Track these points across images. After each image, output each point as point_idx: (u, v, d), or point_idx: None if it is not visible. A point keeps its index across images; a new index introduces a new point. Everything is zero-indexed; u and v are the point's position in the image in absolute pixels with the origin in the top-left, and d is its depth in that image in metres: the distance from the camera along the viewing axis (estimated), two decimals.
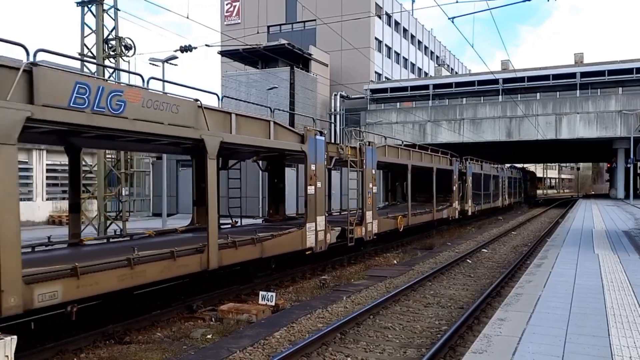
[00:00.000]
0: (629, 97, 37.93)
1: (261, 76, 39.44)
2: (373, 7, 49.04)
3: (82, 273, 6.50)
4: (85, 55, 15.80)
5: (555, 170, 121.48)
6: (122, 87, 7.42)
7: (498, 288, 10.72)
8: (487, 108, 41.65)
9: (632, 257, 11.16)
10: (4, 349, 4.64)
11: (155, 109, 7.70)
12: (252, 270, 10.72)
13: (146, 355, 6.89)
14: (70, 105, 6.35)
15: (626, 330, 5.68)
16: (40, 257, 7.77)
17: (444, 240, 20.01)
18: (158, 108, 7.75)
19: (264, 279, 10.96)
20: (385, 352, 6.91)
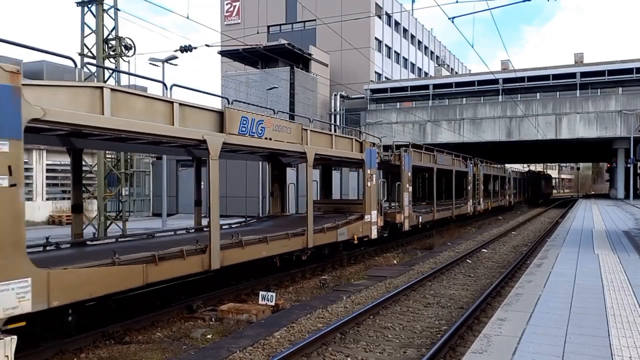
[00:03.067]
0: (629, 97, 37.93)
1: (261, 76, 39.45)
2: (373, 7, 49.04)
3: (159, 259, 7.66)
4: (86, 55, 15.81)
5: (555, 170, 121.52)
6: (263, 117, 10.27)
7: (498, 288, 10.72)
8: (487, 108, 41.65)
9: (632, 257, 11.16)
10: (4, 349, 4.64)
11: (279, 131, 10.76)
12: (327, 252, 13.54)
13: (146, 355, 6.89)
14: (240, 132, 9.49)
15: (626, 330, 5.68)
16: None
17: (444, 240, 20.01)
18: (280, 130, 10.81)
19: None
20: (385, 352, 6.91)
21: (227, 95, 38.58)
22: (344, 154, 13.89)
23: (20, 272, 5.62)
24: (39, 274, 5.86)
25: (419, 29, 64.06)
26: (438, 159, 22.76)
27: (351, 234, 13.78)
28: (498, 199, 35.77)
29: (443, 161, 23.49)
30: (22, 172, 5.69)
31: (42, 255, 7.85)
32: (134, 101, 7.33)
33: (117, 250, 7.54)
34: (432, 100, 45.78)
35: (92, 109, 6.61)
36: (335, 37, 39.84)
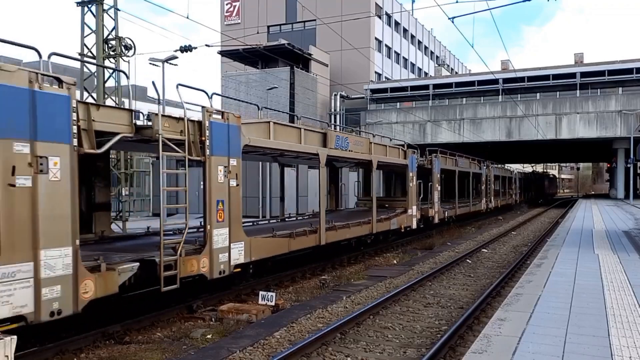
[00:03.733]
0: (629, 97, 37.90)
1: (261, 76, 39.41)
2: (373, 7, 49.01)
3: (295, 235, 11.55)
4: (86, 55, 15.80)
5: (555, 170, 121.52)
6: (347, 135, 14.54)
7: (498, 288, 10.72)
8: (487, 108, 41.63)
9: (632, 257, 11.16)
10: (4, 349, 4.64)
11: (357, 145, 14.77)
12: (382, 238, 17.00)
13: (146, 355, 6.89)
14: (335, 147, 13.30)
15: (626, 330, 5.68)
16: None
17: (444, 240, 20.01)
18: (357, 144, 14.81)
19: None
20: (385, 352, 6.91)
21: (227, 94, 38.56)
22: (394, 160, 17.89)
23: (241, 238, 9.53)
24: (247, 240, 9.74)
25: (419, 29, 64.03)
26: (459, 163, 26.26)
27: (399, 224, 17.58)
28: (506, 198, 40.02)
29: (462, 164, 26.96)
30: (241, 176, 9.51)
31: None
32: (283, 129, 11.57)
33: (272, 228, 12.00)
34: (432, 100, 45.74)
35: (266, 135, 10.76)
36: (335, 37, 39.82)
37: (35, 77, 5.95)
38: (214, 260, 8.71)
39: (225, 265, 8.99)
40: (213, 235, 8.71)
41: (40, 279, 5.93)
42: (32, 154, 5.89)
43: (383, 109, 45.93)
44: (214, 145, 8.80)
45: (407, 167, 18.65)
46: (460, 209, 26.00)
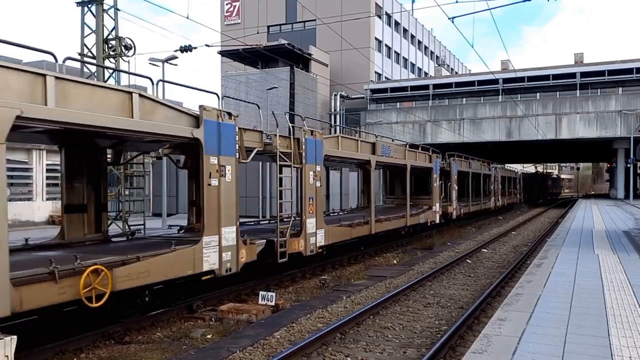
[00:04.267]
0: (629, 97, 37.89)
1: (261, 76, 39.40)
2: (373, 7, 49.00)
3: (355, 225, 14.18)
4: (85, 55, 15.80)
5: (555, 170, 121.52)
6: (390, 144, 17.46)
7: (498, 288, 10.72)
8: (487, 108, 41.62)
9: (632, 257, 11.16)
10: (4, 349, 4.64)
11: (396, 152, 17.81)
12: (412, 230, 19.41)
13: (146, 355, 6.89)
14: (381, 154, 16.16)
15: (626, 330, 5.68)
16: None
17: (444, 240, 20.02)
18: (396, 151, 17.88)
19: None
20: (385, 352, 6.91)
21: (227, 94, 38.53)
22: (422, 164, 20.62)
23: (322, 226, 12.22)
24: (326, 227, 12.41)
25: (419, 29, 64.02)
26: (472, 165, 29.07)
27: (426, 219, 20.04)
28: (511, 197, 43.48)
29: (475, 166, 29.91)
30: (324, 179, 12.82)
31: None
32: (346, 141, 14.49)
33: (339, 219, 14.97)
34: (432, 100, 45.73)
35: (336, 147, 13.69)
36: (335, 37, 39.82)
37: (220, 113, 8.80)
38: (307, 242, 11.58)
39: (314, 246, 11.88)
40: (307, 223, 11.53)
41: (222, 247, 8.82)
42: (218, 164, 8.77)
43: (383, 109, 45.93)
44: (307, 156, 11.64)
45: (432, 169, 21.38)
46: (473, 206, 28.73)
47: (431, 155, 21.56)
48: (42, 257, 7.00)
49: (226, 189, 8.93)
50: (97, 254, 7.42)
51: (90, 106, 6.59)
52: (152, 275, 7.41)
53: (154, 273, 7.44)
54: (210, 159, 8.59)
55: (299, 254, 11.29)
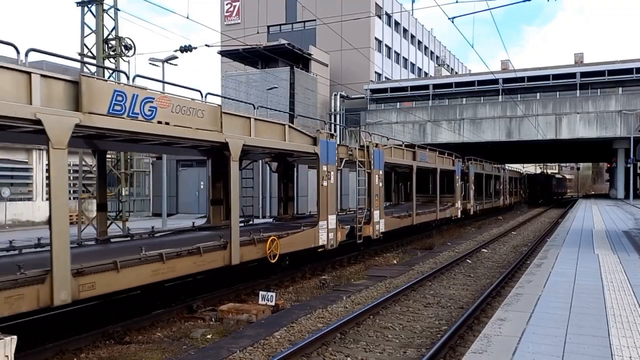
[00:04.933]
0: (629, 97, 37.89)
1: (261, 76, 39.40)
2: (373, 7, 49.00)
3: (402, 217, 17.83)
4: (85, 55, 15.80)
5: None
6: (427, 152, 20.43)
7: (498, 288, 10.72)
8: (487, 108, 41.62)
9: (632, 257, 11.16)
10: (4, 349, 4.63)
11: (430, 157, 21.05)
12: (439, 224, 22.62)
13: (146, 355, 6.89)
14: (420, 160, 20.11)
15: (626, 330, 5.68)
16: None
17: (444, 240, 20.02)
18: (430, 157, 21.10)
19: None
20: (385, 352, 6.91)
21: (228, 95, 38.53)
22: (448, 167, 23.93)
23: (383, 217, 15.47)
24: (385, 218, 15.64)
25: (419, 29, 64.02)
26: (485, 167, 32.41)
27: (451, 214, 23.53)
28: (518, 196, 47.19)
29: (487, 169, 33.20)
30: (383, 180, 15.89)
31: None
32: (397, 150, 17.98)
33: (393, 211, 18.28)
34: (432, 100, 45.73)
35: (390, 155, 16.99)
36: (335, 37, 39.82)
37: (327, 134, 12.49)
38: (374, 228, 15.07)
39: (378, 232, 15.34)
40: (373, 214, 14.97)
41: (328, 229, 12.31)
42: (327, 170, 12.35)
43: (383, 109, 45.93)
44: (374, 163, 15.16)
45: (455, 171, 24.71)
46: (486, 204, 32.31)
47: (454, 159, 24.76)
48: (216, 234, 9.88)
49: (331, 188, 12.50)
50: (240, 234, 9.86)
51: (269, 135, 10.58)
52: (295, 245, 11.24)
53: (296, 244, 11.30)
54: (323, 167, 12.21)
55: (368, 237, 14.67)
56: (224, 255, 8.96)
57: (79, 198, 16.99)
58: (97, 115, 6.63)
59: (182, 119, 8.03)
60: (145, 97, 7.32)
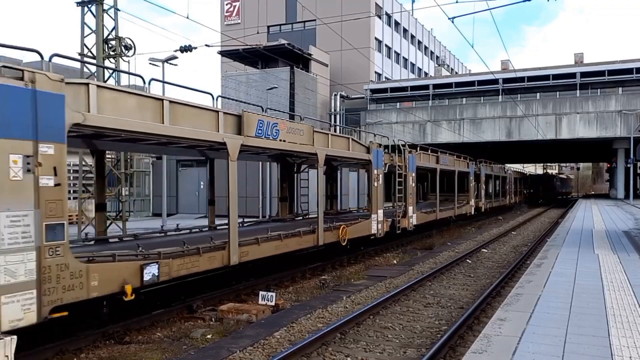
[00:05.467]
0: (629, 97, 37.87)
1: (261, 76, 39.39)
2: (373, 7, 48.99)
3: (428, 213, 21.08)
4: (85, 56, 15.80)
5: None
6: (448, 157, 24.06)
7: (498, 288, 10.72)
8: (487, 108, 41.61)
9: (632, 257, 11.16)
10: (4, 349, 4.64)
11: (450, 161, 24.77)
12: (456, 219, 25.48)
13: (146, 355, 6.89)
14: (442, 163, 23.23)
15: (626, 330, 5.68)
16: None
17: (444, 240, 20.02)
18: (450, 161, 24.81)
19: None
20: (385, 352, 6.91)
21: (228, 95, 38.52)
22: (463, 169, 26.88)
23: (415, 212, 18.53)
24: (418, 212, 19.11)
25: (419, 29, 64.01)
26: (494, 169, 35.61)
27: (465, 211, 26.62)
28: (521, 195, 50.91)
29: (496, 170, 36.55)
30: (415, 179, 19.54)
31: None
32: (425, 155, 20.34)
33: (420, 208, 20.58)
34: (432, 100, 45.71)
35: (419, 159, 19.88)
36: (335, 37, 39.81)
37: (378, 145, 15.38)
38: (409, 221, 17.77)
39: (412, 224, 18.19)
40: (408, 209, 17.77)
41: (377, 221, 15.09)
42: (377, 173, 15.34)
43: (383, 109, 45.91)
44: (409, 167, 17.94)
45: (469, 173, 27.75)
46: (495, 202, 35.65)
47: (468, 162, 27.74)
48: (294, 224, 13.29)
49: (380, 188, 15.53)
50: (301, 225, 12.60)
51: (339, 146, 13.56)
52: (356, 233, 14.10)
53: (357, 232, 14.19)
54: (374, 171, 15.32)
55: (404, 229, 17.40)
56: (314, 237, 12.12)
57: (79, 198, 16.99)
58: (250, 137, 9.77)
59: (292, 137, 11.21)
60: (274, 123, 10.55)
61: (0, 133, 5.51)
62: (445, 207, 23.42)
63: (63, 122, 6.11)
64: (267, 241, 10.42)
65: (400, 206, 17.26)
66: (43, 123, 5.86)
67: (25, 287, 5.67)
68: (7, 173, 5.56)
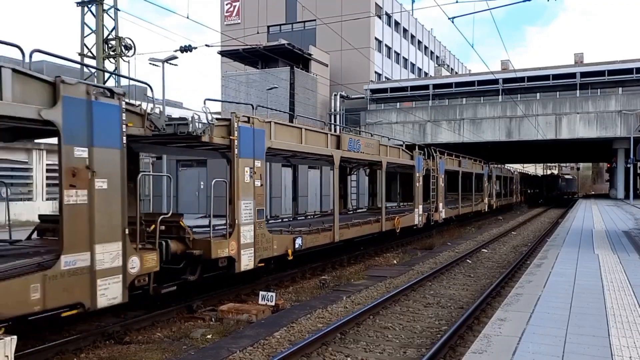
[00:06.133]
0: (629, 97, 37.87)
1: (261, 76, 39.38)
2: (373, 7, 49.00)
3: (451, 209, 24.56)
4: (85, 56, 15.81)
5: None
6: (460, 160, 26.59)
7: (498, 288, 10.72)
8: (487, 108, 41.60)
9: (632, 257, 11.16)
10: (4, 349, 4.64)
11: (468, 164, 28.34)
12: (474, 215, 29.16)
13: (146, 355, 6.89)
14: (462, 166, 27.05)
15: (626, 330, 5.68)
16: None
17: (444, 240, 20.02)
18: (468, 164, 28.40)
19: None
20: (385, 352, 6.91)
21: (227, 95, 38.58)
22: (479, 171, 30.15)
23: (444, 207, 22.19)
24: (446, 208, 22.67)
25: (419, 29, 64.01)
26: (503, 171, 40.08)
27: (480, 208, 29.87)
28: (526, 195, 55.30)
29: (504, 172, 41.01)
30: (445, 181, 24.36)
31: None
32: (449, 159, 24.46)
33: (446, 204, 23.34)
34: (432, 100, 45.70)
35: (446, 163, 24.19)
36: (335, 37, 39.81)
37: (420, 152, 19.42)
38: (439, 215, 20.97)
39: (441, 218, 21.29)
40: (439, 205, 20.91)
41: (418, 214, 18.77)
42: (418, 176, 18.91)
43: (383, 109, 45.91)
44: (439, 170, 21.16)
45: (484, 174, 31.05)
46: (504, 200, 39.56)
47: (483, 164, 31.40)
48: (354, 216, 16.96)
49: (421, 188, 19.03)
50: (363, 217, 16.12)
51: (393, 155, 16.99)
52: (405, 223, 17.47)
53: (405, 222, 17.56)
54: (416, 174, 18.78)
55: (436, 221, 20.68)
56: (379, 225, 15.65)
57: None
58: (345, 150, 13.39)
59: (368, 149, 14.81)
60: (357, 140, 14.23)
61: (241, 154, 9.35)
62: (464, 204, 26.84)
63: (264, 146, 10.00)
64: (353, 226, 14.12)
65: (433, 202, 20.42)
66: (256, 148, 9.72)
67: (250, 245, 9.57)
68: (244, 178, 9.42)
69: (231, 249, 9.04)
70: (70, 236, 6.08)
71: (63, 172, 6.02)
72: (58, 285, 5.92)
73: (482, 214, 30.91)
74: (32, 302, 5.68)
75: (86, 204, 6.27)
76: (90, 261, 6.30)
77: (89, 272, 6.29)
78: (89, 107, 6.32)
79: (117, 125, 6.68)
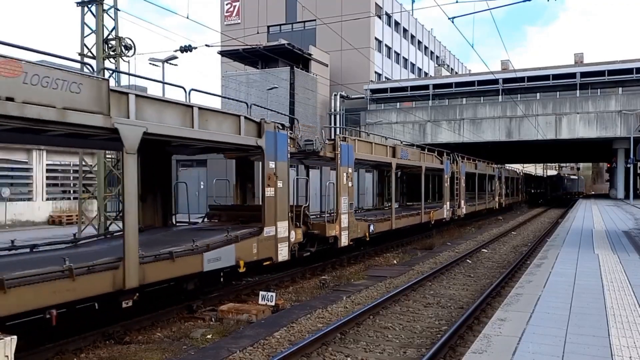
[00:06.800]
0: (629, 97, 37.85)
1: (261, 76, 39.35)
2: (373, 7, 48.97)
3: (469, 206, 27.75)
4: (86, 56, 15.80)
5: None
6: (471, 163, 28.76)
7: (498, 288, 10.72)
8: (487, 108, 41.58)
9: (632, 257, 11.16)
10: (4, 349, 4.64)
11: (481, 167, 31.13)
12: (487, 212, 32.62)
13: (146, 355, 6.89)
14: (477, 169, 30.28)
15: (626, 330, 5.68)
16: None
17: (444, 240, 20.02)
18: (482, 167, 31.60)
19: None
20: (385, 352, 6.91)
21: (227, 95, 38.50)
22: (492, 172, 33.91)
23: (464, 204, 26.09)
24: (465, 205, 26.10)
25: (419, 29, 63.98)
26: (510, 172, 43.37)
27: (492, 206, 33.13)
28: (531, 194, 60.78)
29: (511, 173, 44.94)
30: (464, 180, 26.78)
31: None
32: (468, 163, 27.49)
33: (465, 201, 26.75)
34: (432, 100, 45.67)
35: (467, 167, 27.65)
36: (335, 37, 39.79)
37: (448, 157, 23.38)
38: (461, 211, 24.50)
39: (462, 213, 24.67)
40: (460, 202, 24.06)
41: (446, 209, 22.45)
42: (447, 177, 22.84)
43: (383, 109, 45.89)
44: (461, 172, 24.48)
45: (495, 176, 35.19)
46: (512, 199, 43.78)
47: (494, 166, 35.07)
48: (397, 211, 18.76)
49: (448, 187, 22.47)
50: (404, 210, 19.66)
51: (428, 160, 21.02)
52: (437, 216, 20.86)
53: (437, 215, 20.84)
54: (445, 176, 21.96)
55: (459, 216, 24.07)
56: (420, 217, 19.11)
57: (79, 198, 17.00)
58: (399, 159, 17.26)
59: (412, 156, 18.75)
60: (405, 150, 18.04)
61: (342, 164, 13.11)
62: (480, 202, 30.01)
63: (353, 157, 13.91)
64: (403, 217, 17.52)
65: (456, 200, 23.75)
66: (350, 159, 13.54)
67: (346, 229, 13.12)
68: (344, 181, 13.07)
69: (336, 230, 12.71)
70: (267, 216, 9.96)
71: (265, 177, 9.92)
72: (263, 245, 9.85)
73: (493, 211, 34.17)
74: (253, 254, 9.62)
75: (273, 197, 10.10)
76: (275, 232, 10.14)
77: (274, 239, 10.17)
78: (275, 137, 10.21)
79: (286, 147, 10.62)
